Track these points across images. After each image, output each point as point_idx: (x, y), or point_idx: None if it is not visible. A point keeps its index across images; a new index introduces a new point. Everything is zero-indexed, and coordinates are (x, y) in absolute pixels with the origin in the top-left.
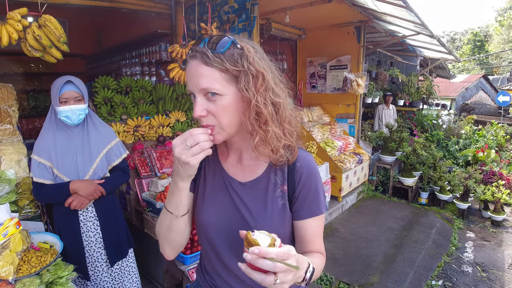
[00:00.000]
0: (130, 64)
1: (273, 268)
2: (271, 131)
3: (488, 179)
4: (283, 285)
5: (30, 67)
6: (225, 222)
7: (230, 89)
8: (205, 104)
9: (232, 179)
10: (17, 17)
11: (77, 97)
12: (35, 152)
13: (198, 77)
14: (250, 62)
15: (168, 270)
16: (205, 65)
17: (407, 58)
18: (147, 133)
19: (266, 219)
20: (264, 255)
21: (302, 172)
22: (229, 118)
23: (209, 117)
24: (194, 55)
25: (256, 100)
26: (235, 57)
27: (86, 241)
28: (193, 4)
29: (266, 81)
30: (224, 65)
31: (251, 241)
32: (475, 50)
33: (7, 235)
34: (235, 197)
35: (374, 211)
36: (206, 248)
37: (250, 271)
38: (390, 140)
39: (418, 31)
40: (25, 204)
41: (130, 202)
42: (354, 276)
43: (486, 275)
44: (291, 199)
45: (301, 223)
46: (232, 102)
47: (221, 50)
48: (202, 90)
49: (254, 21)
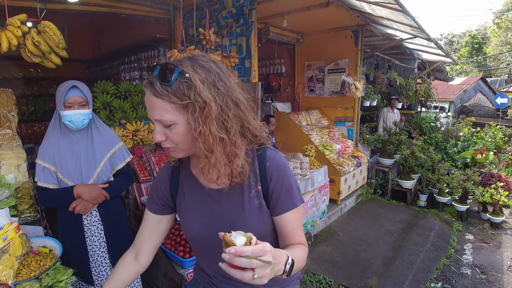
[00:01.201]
0: (129, 69)
1: (249, 265)
2: (214, 159)
3: (487, 181)
4: (262, 279)
5: (30, 72)
6: (211, 230)
7: (182, 117)
8: (162, 130)
9: (210, 189)
10: (16, 23)
11: (81, 102)
12: (40, 156)
13: (152, 108)
14: (197, 92)
15: (167, 274)
16: (155, 97)
17: (405, 61)
18: (146, 138)
19: (246, 219)
20: (240, 253)
21: (273, 170)
22: (185, 142)
23: (168, 141)
24: (146, 86)
25: (200, 131)
26: (182, 89)
27: (90, 245)
28: (191, 9)
29: (213, 111)
30: (171, 99)
31: (228, 242)
32: (473, 52)
33: (7, 239)
34: (214, 204)
35: (373, 214)
36: (199, 253)
37: (230, 270)
38: (389, 143)
39: (415, 34)
40: (25, 208)
41: (129, 206)
42: (353, 279)
43: (485, 277)
44: (266, 197)
45: (279, 219)
46: (186, 128)
47: (169, 83)
48: (157, 121)
49: (252, 26)
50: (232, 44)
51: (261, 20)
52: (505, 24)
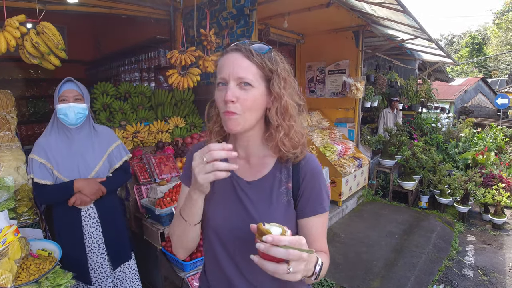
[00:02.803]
0: (129, 70)
1: (286, 255)
2: (295, 126)
3: (488, 182)
4: (295, 274)
5: (29, 73)
6: (233, 221)
7: (261, 85)
8: (236, 91)
9: (240, 179)
10: (15, 24)
11: (76, 95)
12: (35, 151)
13: (238, 67)
14: (281, 67)
15: (167, 277)
16: (247, 58)
17: (406, 62)
18: (146, 139)
19: (271, 214)
20: (277, 242)
21: (307, 170)
22: (253, 110)
23: (236, 105)
24: (238, 49)
25: (286, 98)
26: (271, 60)
27: (88, 247)
28: (191, 10)
29: (291, 86)
30: (263, 62)
31: (264, 231)
32: (473, 53)
33: (6, 242)
34: (243, 196)
35: (374, 216)
36: (215, 250)
37: (263, 262)
38: (390, 144)
39: (416, 35)
40: (24, 211)
41: (129, 209)
42: (355, 281)
43: (488, 279)
44: (296, 196)
45: (305, 221)
46: (260, 96)
47: (262, 52)
48: (238, 79)
49: (253, 27)
50: None
51: (261, 21)
52: (505, 24)
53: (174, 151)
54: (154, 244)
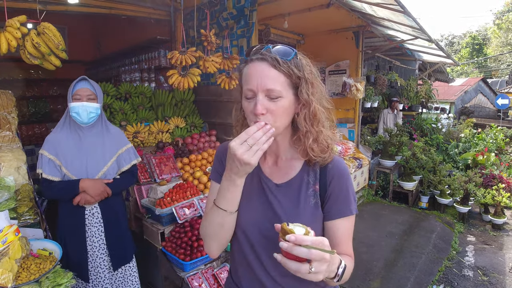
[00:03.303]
0: (130, 70)
1: (308, 254)
2: (324, 131)
3: (488, 182)
4: (317, 275)
5: (30, 74)
6: (261, 221)
7: (289, 93)
8: (266, 103)
9: (269, 180)
10: (16, 25)
11: (90, 95)
12: (45, 147)
13: (266, 78)
14: (307, 71)
15: (167, 277)
16: (274, 68)
17: (406, 62)
18: (146, 139)
19: (299, 214)
20: (300, 242)
21: (334, 173)
22: (283, 119)
23: (267, 116)
24: (264, 58)
25: (314, 104)
26: (298, 66)
27: (90, 245)
28: (192, 10)
29: (319, 90)
30: (290, 70)
31: (287, 230)
32: (473, 53)
33: (6, 242)
34: (271, 197)
35: (375, 216)
36: (245, 251)
37: (286, 261)
38: (390, 145)
39: (416, 36)
40: (25, 211)
41: (129, 209)
42: (355, 282)
43: (487, 279)
44: (323, 198)
45: (331, 224)
46: (289, 105)
47: (288, 58)
48: (267, 91)
49: (253, 27)
50: (233, 46)
51: (262, 21)
52: (505, 25)
53: (174, 151)
54: (154, 244)
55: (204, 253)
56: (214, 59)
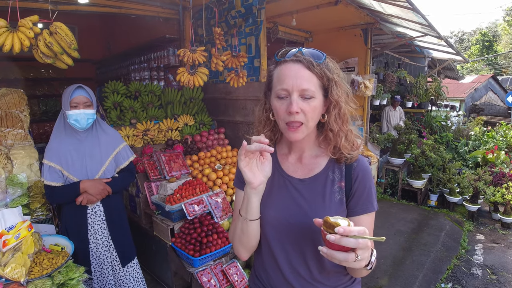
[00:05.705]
0: (139, 69)
1: (356, 244)
2: (352, 130)
3: (498, 180)
4: (361, 262)
5: (41, 73)
6: (285, 216)
7: (319, 94)
8: (300, 103)
9: (291, 177)
10: (28, 25)
11: (86, 102)
12: (46, 156)
13: (301, 79)
14: (335, 74)
15: (177, 272)
16: (308, 70)
17: (415, 59)
18: (156, 137)
19: (325, 210)
20: (348, 233)
21: (359, 171)
22: (315, 118)
23: (300, 115)
24: (299, 60)
25: (343, 105)
26: (329, 68)
27: (93, 243)
28: (200, 9)
29: (345, 91)
30: (322, 72)
31: (332, 224)
32: (483, 50)
33: (19, 237)
34: (295, 193)
35: (383, 214)
36: (272, 248)
37: (332, 253)
38: (399, 142)
39: (425, 33)
40: (37, 207)
41: (140, 205)
42: (363, 279)
43: (496, 278)
44: (348, 195)
45: (356, 219)
46: (319, 105)
47: (320, 61)
48: (302, 91)
49: (261, 25)
50: (241, 44)
51: (270, 19)
52: None
53: (183, 148)
54: (164, 240)
55: (213, 249)
56: (223, 58)
